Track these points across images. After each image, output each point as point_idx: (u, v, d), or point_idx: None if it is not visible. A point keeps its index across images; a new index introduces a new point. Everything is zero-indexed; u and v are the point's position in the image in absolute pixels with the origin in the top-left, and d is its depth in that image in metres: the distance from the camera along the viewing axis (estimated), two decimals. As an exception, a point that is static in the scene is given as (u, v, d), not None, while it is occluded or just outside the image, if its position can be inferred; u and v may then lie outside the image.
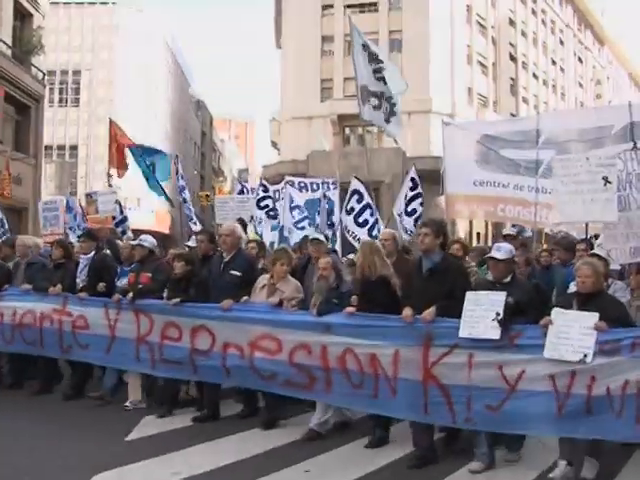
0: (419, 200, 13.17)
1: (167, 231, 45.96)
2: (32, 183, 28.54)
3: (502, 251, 7.11)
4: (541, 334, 6.48)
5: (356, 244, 11.80)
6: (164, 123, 57.83)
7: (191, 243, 10.77)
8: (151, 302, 8.93)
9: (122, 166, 15.31)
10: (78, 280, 9.86)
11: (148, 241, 9.58)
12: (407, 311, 7.17)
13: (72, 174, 46.20)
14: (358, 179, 13.21)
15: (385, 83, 12.77)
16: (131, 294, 9.01)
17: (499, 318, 6.63)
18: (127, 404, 9.07)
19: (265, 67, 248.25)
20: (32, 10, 30.07)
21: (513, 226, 12.39)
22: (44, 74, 31.38)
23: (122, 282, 9.78)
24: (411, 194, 13.15)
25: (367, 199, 12.95)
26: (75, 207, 14.63)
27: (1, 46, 26.73)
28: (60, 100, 50.68)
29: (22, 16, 29.59)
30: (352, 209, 12.88)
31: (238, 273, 8.67)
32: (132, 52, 48.23)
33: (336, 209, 13.15)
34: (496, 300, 6.74)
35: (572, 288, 7.23)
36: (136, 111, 43.56)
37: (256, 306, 8.35)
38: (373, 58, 12.83)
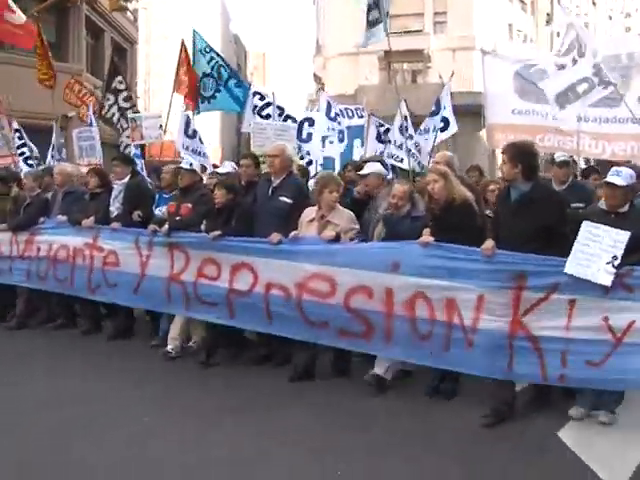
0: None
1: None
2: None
3: (622, 176, 5.28)
4: None
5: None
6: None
7: (222, 169, 8.86)
8: (188, 235, 7.23)
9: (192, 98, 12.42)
10: (112, 208, 8.18)
11: (197, 166, 7.93)
12: (488, 243, 5.47)
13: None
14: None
15: None
16: (167, 226, 7.33)
17: (615, 262, 4.95)
18: (169, 349, 7.35)
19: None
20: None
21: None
22: (136, 18, 31.90)
23: (161, 210, 7.98)
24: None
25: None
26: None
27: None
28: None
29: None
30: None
31: (288, 200, 6.88)
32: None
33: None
34: (618, 241, 5.01)
35: None
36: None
37: (308, 241, 6.50)
38: None
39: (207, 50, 11.49)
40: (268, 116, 10.93)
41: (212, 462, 4.79)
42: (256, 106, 11.00)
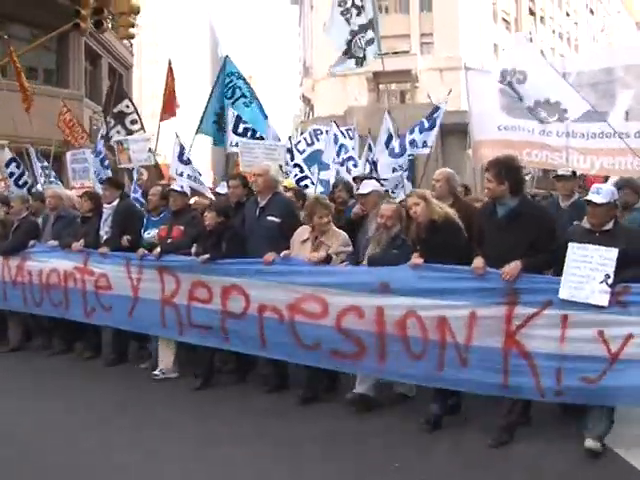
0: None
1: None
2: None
3: (602, 194, 5.16)
4: None
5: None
6: (203, 83, 55.88)
7: (222, 190, 8.75)
8: (177, 259, 7.12)
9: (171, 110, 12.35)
10: (102, 233, 8.05)
11: (188, 188, 7.94)
12: (478, 262, 5.35)
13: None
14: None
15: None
16: (158, 249, 7.21)
17: (609, 281, 4.85)
18: (157, 372, 7.29)
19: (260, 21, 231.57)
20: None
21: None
22: (131, 44, 31.74)
23: (149, 234, 7.81)
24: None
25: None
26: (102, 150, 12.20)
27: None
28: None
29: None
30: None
31: (276, 219, 6.83)
32: (174, 15, 46.45)
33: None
34: (607, 258, 4.92)
35: None
36: (179, 72, 41.87)
37: (299, 262, 6.40)
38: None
39: (229, 74, 11.42)
40: (245, 131, 10.75)
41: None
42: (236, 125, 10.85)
